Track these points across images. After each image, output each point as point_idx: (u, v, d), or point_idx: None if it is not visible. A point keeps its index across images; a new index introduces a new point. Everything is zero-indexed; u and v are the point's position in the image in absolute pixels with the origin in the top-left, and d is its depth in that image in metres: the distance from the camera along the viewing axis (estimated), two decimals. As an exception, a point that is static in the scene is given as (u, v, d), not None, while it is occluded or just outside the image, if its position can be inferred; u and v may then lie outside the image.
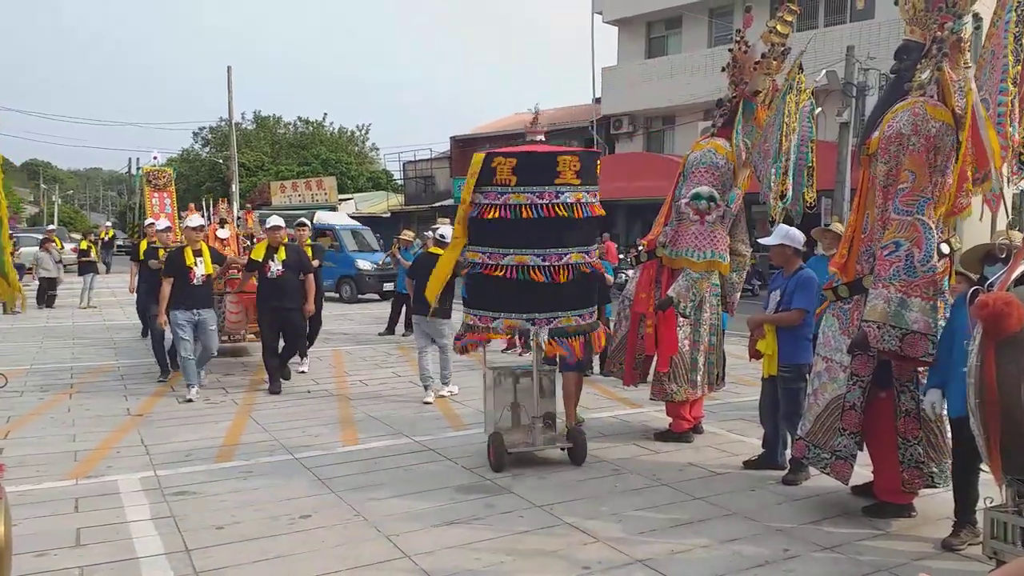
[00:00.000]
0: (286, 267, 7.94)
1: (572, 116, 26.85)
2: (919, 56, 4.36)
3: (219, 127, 42.97)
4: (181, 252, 7.63)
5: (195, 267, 7.53)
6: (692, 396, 6.15)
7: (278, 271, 7.90)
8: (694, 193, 6.01)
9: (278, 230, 8.10)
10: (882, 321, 4.09)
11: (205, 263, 7.67)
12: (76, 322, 13.77)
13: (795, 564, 3.89)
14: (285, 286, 7.93)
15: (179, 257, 7.61)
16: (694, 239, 6.00)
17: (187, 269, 7.49)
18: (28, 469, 5.30)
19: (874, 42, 17.36)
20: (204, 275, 7.61)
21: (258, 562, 3.86)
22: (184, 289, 7.48)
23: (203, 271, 7.61)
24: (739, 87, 6.25)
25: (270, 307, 7.97)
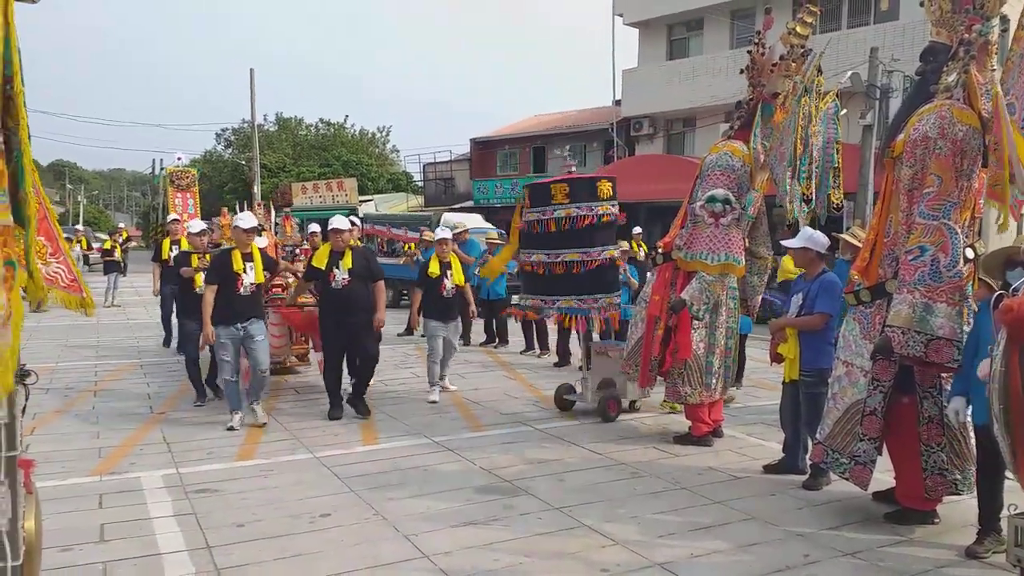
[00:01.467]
0: (353, 275, 6.77)
1: (592, 118, 26.81)
2: (945, 58, 4.31)
3: (241, 128, 43.36)
4: (228, 256, 6.47)
5: (244, 274, 6.40)
6: (707, 399, 6.13)
7: (344, 280, 6.75)
8: (709, 196, 5.99)
9: (341, 233, 6.90)
10: (907, 326, 4.04)
11: (256, 270, 6.49)
12: (101, 321, 13.95)
13: (815, 569, 3.86)
14: (352, 297, 6.79)
15: (226, 261, 6.44)
16: (708, 242, 5.98)
17: (235, 276, 6.35)
18: (53, 465, 5.38)
19: (898, 44, 17.17)
20: (253, 284, 6.46)
21: (278, 560, 3.90)
22: (228, 300, 6.35)
23: (253, 279, 6.45)
24: (757, 89, 6.22)
25: (334, 320, 6.86)
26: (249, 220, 6.78)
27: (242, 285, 6.39)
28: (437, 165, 33.57)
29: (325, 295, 7.01)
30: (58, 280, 4.00)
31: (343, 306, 6.81)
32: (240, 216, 6.97)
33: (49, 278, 3.68)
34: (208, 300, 6.32)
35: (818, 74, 5.79)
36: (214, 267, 6.53)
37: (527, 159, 29.09)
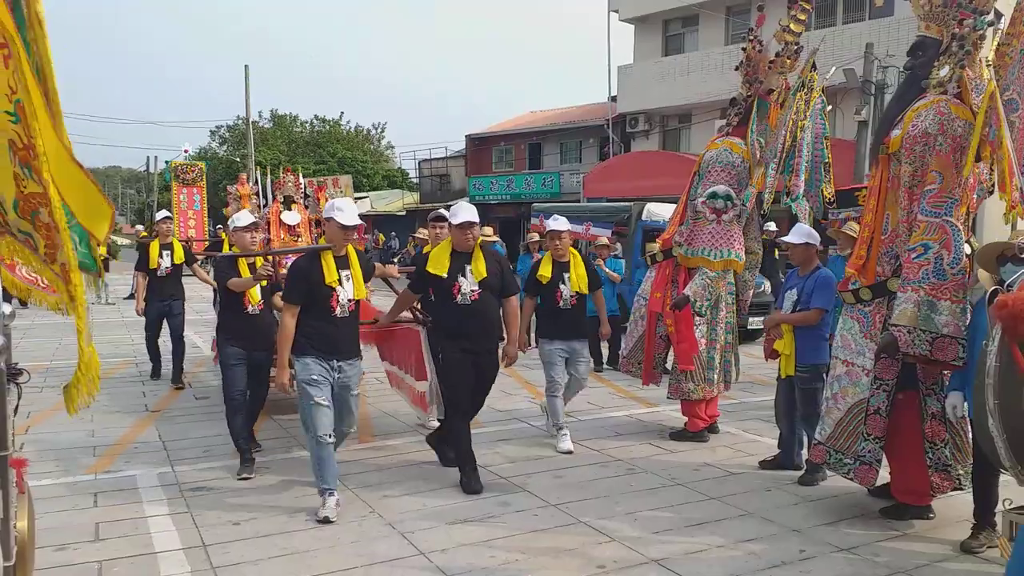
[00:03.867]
0: (484, 287, 4.94)
1: (588, 114, 26.80)
2: (935, 53, 4.30)
3: (236, 125, 43.27)
4: (317, 261, 4.49)
5: (340, 288, 4.49)
6: (709, 394, 6.16)
7: (473, 293, 4.91)
8: (710, 192, 5.99)
9: (472, 227, 4.92)
10: (912, 325, 4.03)
11: (355, 281, 4.57)
12: (95, 318, 13.90)
13: (811, 565, 3.87)
14: (483, 316, 4.97)
15: (314, 269, 4.46)
16: (711, 238, 5.98)
17: (327, 292, 4.46)
18: (48, 464, 5.37)
19: (893, 39, 17.18)
20: (352, 302, 4.57)
21: (274, 558, 3.89)
22: (317, 327, 4.47)
23: (351, 294, 4.55)
24: (753, 86, 6.23)
25: (460, 348, 4.94)
26: (351, 212, 4.60)
27: (338, 304, 4.48)
28: (433, 162, 33.54)
29: (444, 313, 5.00)
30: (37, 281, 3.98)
31: (470, 328, 4.92)
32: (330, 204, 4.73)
33: (29, 279, 3.65)
34: (289, 329, 4.42)
35: (812, 70, 5.80)
36: (297, 278, 4.49)
37: (523, 155, 29.09)
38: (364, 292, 4.72)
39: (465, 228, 4.90)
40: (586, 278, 5.90)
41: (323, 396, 4.41)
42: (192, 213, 22.58)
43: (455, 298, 4.89)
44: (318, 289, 4.44)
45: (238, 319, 5.35)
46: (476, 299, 4.91)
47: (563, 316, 5.85)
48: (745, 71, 6.30)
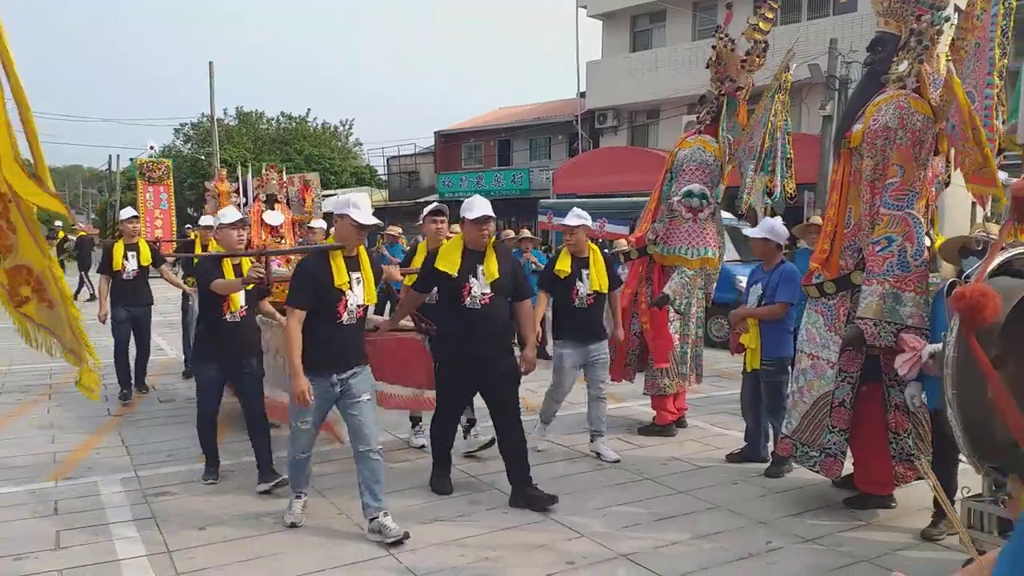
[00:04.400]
0: (496, 289, 4.55)
1: (557, 110, 26.83)
2: (894, 48, 4.36)
3: (200, 123, 42.64)
4: (326, 261, 4.07)
5: (350, 292, 4.08)
6: (682, 389, 6.24)
7: (483, 297, 4.51)
8: (686, 191, 6.03)
9: (488, 223, 4.55)
10: (878, 318, 4.09)
11: (366, 285, 4.17)
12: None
13: (778, 556, 3.92)
14: (493, 322, 4.57)
15: (323, 270, 4.05)
16: (688, 236, 6.03)
17: (335, 296, 4.04)
18: (7, 471, 5.25)
19: (856, 35, 17.44)
20: (361, 308, 4.17)
21: (241, 562, 3.84)
22: (323, 334, 4.07)
23: (361, 299, 4.14)
24: (724, 83, 6.26)
25: (464, 354, 4.57)
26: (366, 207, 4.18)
27: (346, 310, 4.05)
28: (401, 159, 33.37)
29: (450, 317, 4.63)
30: None
31: (479, 334, 4.53)
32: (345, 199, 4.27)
33: None
34: (296, 335, 4.00)
35: (786, 71, 5.89)
36: (304, 279, 4.06)
37: (492, 152, 29.05)
38: (375, 297, 4.25)
39: (481, 224, 4.49)
40: (606, 277, 5.52)
41: (310, 421, 4.18)
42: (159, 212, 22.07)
43: (463, 301, 4.49)
44: (326, 292, 4.02)
45: (215, 327, 4.86)
46: (487, 303, 4.50)
47: (577, 315, 5.46)
48: (716, 69, 6.33)
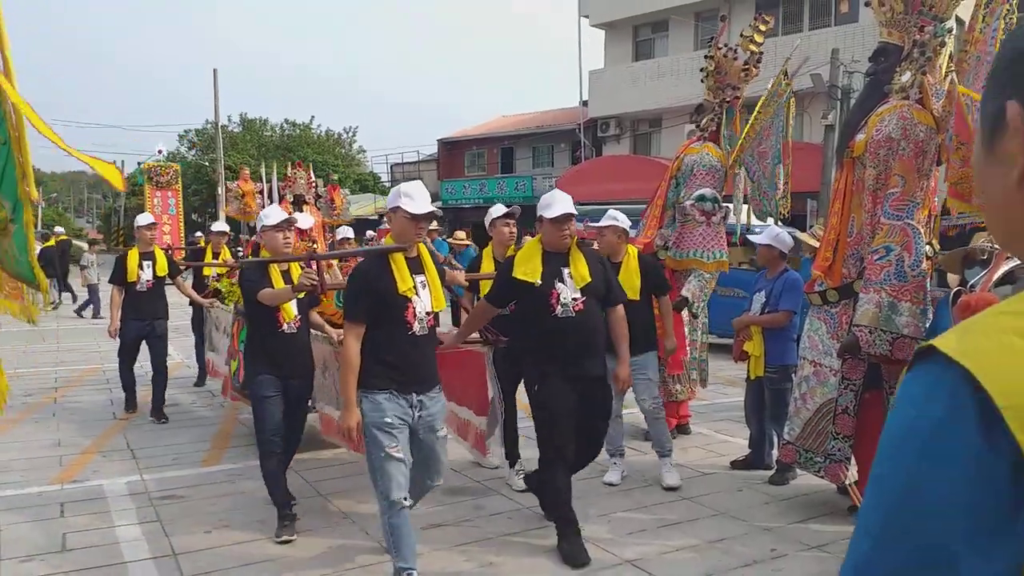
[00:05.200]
0: (588, 294, 3.98)
1: (560, 119, 26.92)
2: (897, 59, 4.40)
3: (205, 129, 42.78)
4: (385, 264, 3.50)
5: (416, 298, 3.51)
6: (692, 395, 6.29)
7: (575, 303, 3.93)
8: (698, 195, 6.07)
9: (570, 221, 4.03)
10: (873, 325, 4.12)
11: (433, 291, 3.62)
12: (60, 326, 13.65)
13: (783, 563, 3.92)
14: (589, 330, 3.99)
15: (383, 275, 3.48)
16: (703, 240, 6.06)
17: (400, 304, 3.47)
18: (12, 474, 5.26)
19: (858, 45, 17.50)
20: (431, 317, 3.60)
21: (246, 566, 3.85)
22: (400, 349, 3.49)
23: (429, 306, 3.58)
24: (724, 92, 6.33)
25: (562, 375, 3.95)
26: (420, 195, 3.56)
27: (415, 319, 3.50)
28: (405, 166, 33.47)
29: (540, 331, 3.99)
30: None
31: (578, 347, 3.94)
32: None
33: None
34: (353, 356, 3.43)
35: (785, 76, 5.96)
36: (361, 288, 3.47)
37: (495, 159, 29.13)
38: (443, 303, 3.68)
39: (562, 223, 3.97)
40: (637, 282, 5.01)
41: (399, 446, 3.39)
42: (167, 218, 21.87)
43: (553, 310, 3.90)
44: (390, 301, 3.44)
45: (271, 340, 4.32)
46: (580, 310, 3.93)
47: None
48: (715, 79, 6.40)
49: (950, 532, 0.58)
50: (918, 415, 0.62)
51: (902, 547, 0.61)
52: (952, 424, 0.60)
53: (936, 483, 0.60)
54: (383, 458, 3.39)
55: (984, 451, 0.58)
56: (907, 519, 0.61)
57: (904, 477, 0.62)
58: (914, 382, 0.65)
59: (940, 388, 0.61)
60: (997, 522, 0.57)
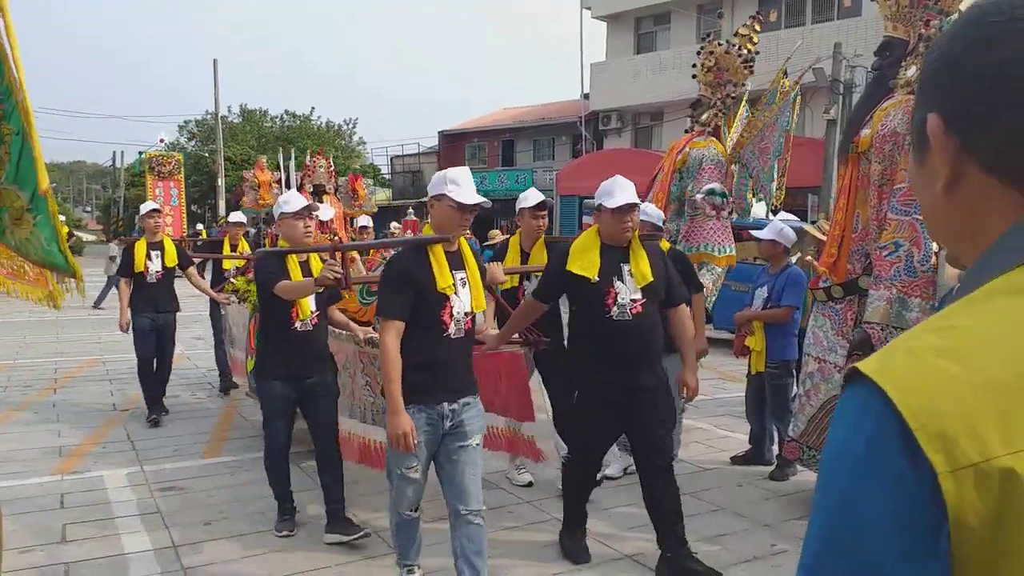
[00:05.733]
0: (648, 294, 3.66)
1: (561, 112, 26.85)
2: (902, 53, 4.37)
3: (205, 120, 42.71)
4: (424, 257, 3.19)
5: (455, 297, 3.20)
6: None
7: (633, 305, 3.61)
8: (708, 189, 6.06)
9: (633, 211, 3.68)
10: (885, 322, 4.11)
11: (474, 289, 3.30)
12: (60, 316, 13.63)
13: (782, 559, 3.92)
14: (646, 334, 3.66)
15: (421, 269, 3.17)
16: (714, 234, 6.05)
17: (438, 301, 3.17)
18: (12, 465, 5.26)
19: (861, 40, 17.45)
20: (469, 317, 3.29)
21: (246, 558, 3.85)
22: (433, 352, 3.19)
23: (467, 306, 3.26)
24: (725, 88, 6.33)
25: (610, 383, 3.65)
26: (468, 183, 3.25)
27: (452, 320, 3.19)
28: (405, 158, 33.41)
29: (592, 332, 3.69)
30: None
31: (631, 355, 3.63)
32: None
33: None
34: (394, 355, 3.11)
35: (785, 76, 5.99)
36: (398, 281, 3.17)
37: (495, 152, 29.09)
38: (483, 304, 3.38)
39: (624, 214, 3.60)
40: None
41: (417, 466, 3.22)
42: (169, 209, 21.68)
43: (608, 311, 3.58)
44: (426, 298, 3.14)
45: (281, 338, 4.05)
46: (638, 312, 3.59)
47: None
48: (715, 74, 6.39)
49: (882, 549, 0.60)
50: (848, 436, 0.64)
51: (840, 564, 0.62)
52: (879, 445, 0.61)
53: (867, 502, 0.61)
54: (399, 476, 3.25)
55: (907, 470, 0.60)
56: (843, 537, 0.62)
57: (838, 496, 0.63)
58: (846, 403, 0.66)
59: (868, 409, 0.63)
60: (923, 539, 0.59)
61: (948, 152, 0.72)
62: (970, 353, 0.62)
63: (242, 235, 8.21)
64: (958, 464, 0.58)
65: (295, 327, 4.04)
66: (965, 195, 0.73)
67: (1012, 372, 0.60)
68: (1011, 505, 0.58)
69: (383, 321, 3.18)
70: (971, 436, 0.59)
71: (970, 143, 0.70)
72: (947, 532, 0.59)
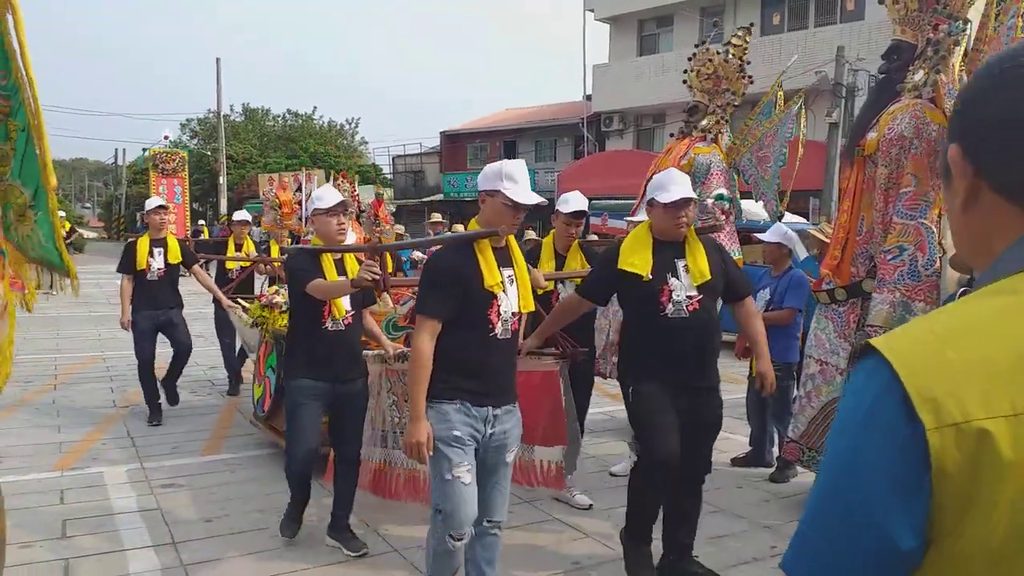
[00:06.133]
0: (706, 291, 3.47)
1: (563, 113, 26.86)
2: (910, 57, 4.37)
3: (207, 119, 42.73)
4: (471, 254, 2.96)
5: (502, 296, 2.97)
6: None
7: (690, 302, 3.42)
8: (718, 194, 6.07)
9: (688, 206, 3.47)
10: (888, 325, 4.11)
11: (521, 286, 3.07)
12: (60, 312, 13.64)
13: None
14: (704, 333, 3.50)
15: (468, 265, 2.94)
16: (725, 238, 6.07)
17: (485, 300, 2.94)
18: (13, 460, 5.26)
19: (863, 43, 17.45)
20: (515, 315, 3.05)
21: (245, 555, 3.85)
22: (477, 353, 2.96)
23: (515, 306, 3.04)
24: (723, 95, 6.35)
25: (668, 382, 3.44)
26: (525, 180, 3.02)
27: (499, 319, 2.96)
28: (407, 158, 33.43)
29: (645, 333, 3.51)
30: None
31: (687, 354, 3.45)
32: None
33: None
34: (427, 359, 2.89)
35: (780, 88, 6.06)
36: (442, 277, 2.95)
37: (497, 153, 29.08)
38: (532, 304, 3.16)
39: (679, 208, 3.41)
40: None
41: (468, 469, 2.89)
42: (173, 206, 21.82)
43: (663, 309, 3.39)
44: (473, 296, 2.90)
45: (312, 338, 3.82)
46: (695, 310, 3.41)
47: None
48: (713, 82, 6.41)
49: (876, 486, 0.74)
50: (859, 398, 0.79)
51: (837, 506, 0.78)
52: (881, 405, 0.76)
53: (866, 449, 0.76)
54: (450, 481, 2.87)
55: (902, 426, 0.74)
56: (842, 483, 0.78)
57: (842, 450, 0.79)
58: (858, 374, 0.80)
59: (875, 376, 0.77)
60: (910, 480, 0.73)
61: (966, 176, 0.86)
62: (964, 341, 0.77)
63: (247, 234, 8.08)
64: (944, 423, 0.73)
65: (326, 326, 3.84)
66: (979, 212, 0.86)
67: (996, 357, 0.75)
68: (982, 459, 0.72)
69: (420, 318, 2.94)
70: (956, 403, 0.73)
71: (983, 168, 0.84)
72: (929, 479, 0.73)
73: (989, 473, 0.71)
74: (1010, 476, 0.71)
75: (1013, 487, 0.71)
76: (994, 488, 0.71)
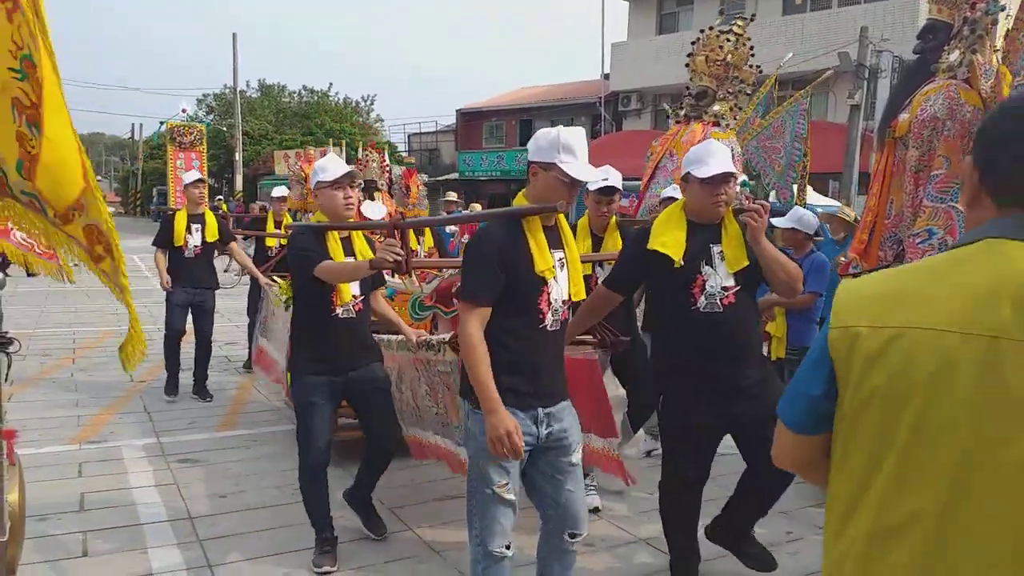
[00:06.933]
0: (743, 281, 3.13)
1: (580, 91, 26.64)
2: (946, 37, 4.26)
3: (223, 94, 42.73)
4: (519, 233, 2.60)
5: (553, 282, 2.63)
6: None
7: (726, 294, 3.08)
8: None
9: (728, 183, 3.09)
10: None
11: (572, 270, 2.73)
12: (78, 288, 13.73)
13: (798, 546, 3.90)
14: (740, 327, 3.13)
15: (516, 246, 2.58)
16: None
17: (538, 287, 2.60)
18: (31, 433, 5.30)
19: (888, 23, 17.14)
20: (565, 303, 2.72)
21: (261, 531, 3.87)
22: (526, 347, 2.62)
23: (565, 293, 2.70)
24: (732, 83, 6.28)
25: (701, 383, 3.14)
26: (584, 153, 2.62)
27: (550, 308, 2.64)
28: (422, 136, 33.33)
29: (677, 325, 3.18)
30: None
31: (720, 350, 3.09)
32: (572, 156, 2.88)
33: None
34: (479, 345, 2.53)
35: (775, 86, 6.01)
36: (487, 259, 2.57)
37: (513, 131, 28.93)
38: (583, 291, 2.83)
39: (718, 184, 3.04)
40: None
41: (510, 485, 2.60)
42: None
43: (694, 302, 3.06)
44: (523, 281, 2.56)
45: (322, 327, 3.52)
46: (730, 303, 3.06)
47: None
48: (723, 68, 6.33)
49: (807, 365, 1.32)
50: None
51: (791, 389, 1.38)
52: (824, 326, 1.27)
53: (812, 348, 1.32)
54: (488, 497, 2.58)
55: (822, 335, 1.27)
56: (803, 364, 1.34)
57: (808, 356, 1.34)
58: None
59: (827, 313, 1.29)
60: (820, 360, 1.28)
61: (973, 181, 1.24)
62: (884, 283, 1.26)
63: (286, 211, 7.75)
64: (837, 325, 1.24)
65: (336, 314, 3.50)
66: (978, 208, 1.24)
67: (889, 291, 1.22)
68: (853, 348, 1.21)
69: (466, 307, 2.56)
70: (850, 316, 1.23)
71: (984, 176, 1.22)
72: (829, 358, 1.25)
73: (857, 359, 1.20)
74: (872, 365, 1.19)
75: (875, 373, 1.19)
76: (859, 371, 1.20)
